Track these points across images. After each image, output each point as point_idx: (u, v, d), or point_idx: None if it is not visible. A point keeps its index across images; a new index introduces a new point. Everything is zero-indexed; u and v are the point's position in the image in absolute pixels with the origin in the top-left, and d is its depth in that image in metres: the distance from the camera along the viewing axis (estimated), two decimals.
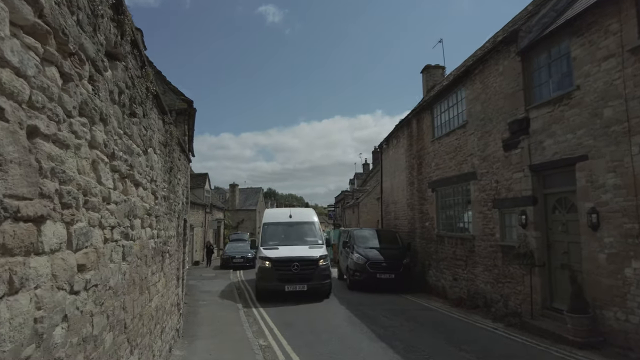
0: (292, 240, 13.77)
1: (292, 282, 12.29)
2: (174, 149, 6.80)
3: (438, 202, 14.24)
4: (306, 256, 12.76)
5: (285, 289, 12.23)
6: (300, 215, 15.23)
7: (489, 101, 10.87)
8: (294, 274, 12.36)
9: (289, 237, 13.92)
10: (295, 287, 12.28)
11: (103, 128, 2.70)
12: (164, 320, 5.59)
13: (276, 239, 13.87)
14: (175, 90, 10.93)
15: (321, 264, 12.72)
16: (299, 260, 12.52)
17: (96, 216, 2.45)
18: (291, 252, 12.84)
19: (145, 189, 4.37)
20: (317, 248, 13.44)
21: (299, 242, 13.69)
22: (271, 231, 14.26)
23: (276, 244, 13.46)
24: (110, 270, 2.76)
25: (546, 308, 8.82)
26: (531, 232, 9.18)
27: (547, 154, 8.67)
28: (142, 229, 4.20)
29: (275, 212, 16.18)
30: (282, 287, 12.26)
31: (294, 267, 12.39)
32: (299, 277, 12.35)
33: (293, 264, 12.40)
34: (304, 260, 12.61)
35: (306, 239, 14.03)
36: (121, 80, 3.21)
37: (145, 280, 4.22)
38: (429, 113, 14.93)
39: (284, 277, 12.37)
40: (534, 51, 9.16)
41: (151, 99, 4.67)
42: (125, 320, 3.20)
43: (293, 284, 12.27)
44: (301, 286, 12.26)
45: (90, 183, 2.35)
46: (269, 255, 12.79)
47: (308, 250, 13.13)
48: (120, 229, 3.16)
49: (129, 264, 3.42)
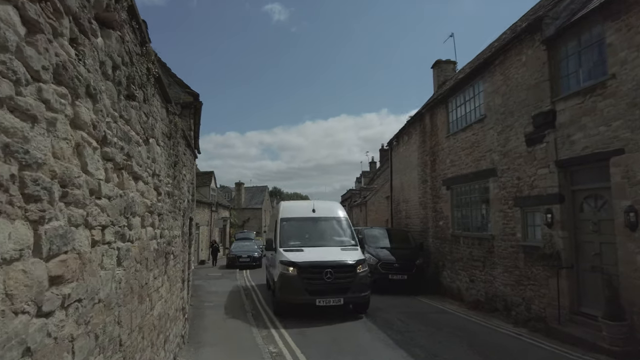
0: (319, 240, 11.25)
1: (324, 294, 9.74)
2: (178, 142, 6.32)
3: (453, 201, 13.68)
4: (341, 261, 10.19)
5: (317, 303, 9.62)
6: (325, 209, 12.39)
7: (510, 93, 10.30)
8: (328, 284, 9.79)
9: (314, 237, 11.36)
10: (328, 301, 9.67)
11: (91, 106, 2.21)
12: (168, 328, 5.11)
13: (298, 238, 11.25)
14: (181, 82, 10.46)
15: (360, 270, 10.20)
16: (333, 266, 9.96)
17: (80, 213, 1.96)
18: (321, 255, 10.33)
19: (146, 183, 3.89)
20: (351, 250, 10.90)
21: (327, 243, 11.19)
22: (291, 229, 11.53)
23: (299, 245, 10.87)
24: (101, 280, 2.27)
25: (574, 313, 8.26)
26: (557, 232, 8.62)
27: (576, 149, 8.10)
28: (143, 229, 3.72)
29: (294, 206, 13.05)
30: (311, 301, 9.67)
31: (327, 276, 9.81)
32: (334, 288, 9.83)
33: (326, 271, 9.83)
34: (339, 266, 10.05)
35: (335, 239, 11.53)
36: (116, 52, 2.72)
37: (146, 286, 3.73)
38: (443, 108, 14.36)
39: (315, 288, 9.81)
40: (561, 39, 8.58)
41: (153, 83, 4.18)
42: (121, 337, 2.72)
43: (326, 297, 9.70)
44: (336, 300, 9.71)
45: (71, 171, 1.85)
46: (294, 259, 10.12)
47: (342, 254, 10.58)
48: (115, 228, 2.68)
49: (126, 270, 2.93)
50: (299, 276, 9.85)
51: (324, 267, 9.87)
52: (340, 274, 9.94)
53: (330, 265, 9.95)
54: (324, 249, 10.75)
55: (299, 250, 10.58)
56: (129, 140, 3.14)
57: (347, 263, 10.19)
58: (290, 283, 9.91)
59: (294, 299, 9.88)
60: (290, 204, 13.25)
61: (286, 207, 12.63)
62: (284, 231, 11.42)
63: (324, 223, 11.90)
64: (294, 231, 11.46)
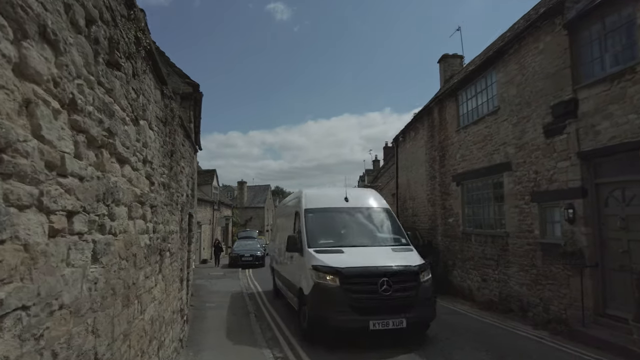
0: (359, 237, 8.61)
1: (380, 313, 6.98)
2: (175, 130, 5.83)
3: (463, 197, 13.15)
4: (401, 267, 7.46)
5: (371, 326, 6.88)
6: (360, 198, 9.76)
7: (526, 83, 9.77)
8: (384, 299, 7.04)
9: (352, 234, 8.70)
10: (386, 323, 6.94)
11: (51, 56, 1.72)
12: (163, 333, 4.63)
13: (331, 235, 8.57)
14: (180, 72, 9.97)
15: (424, 279, 7.56)
16: (390, 273, 7.24)
17: (27, 190, 1.47)
18: (370, 258, 7.64)
19: (135, 169, 3.40)
20: (405, 251, 8.30)
21: (372, 242, 8.59)
22: (319, 223, 8.81)
23: (334, 245, 8.16)
24: (64, 280, 1.78)
25: (599, 315, 7.73)
26: (580, 228, 8.10)
27: (601, 139, 7.57)
28: (130, 221, 3.23)
29: (320, 194, 10.08)
30: (362, 324, 6.91)
31: (384, 287, 7.07)
32: (393, 304, 7.09)
33: (382, 280, 7.10)
34: (399, 273, 7.32)
35: (381, 236, 8.89)
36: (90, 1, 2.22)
37: (134, 286, 3.25)
38: (453, 101, 13.82)
39: (366, 305, 7.03)
40: (583, 23, 8.05)
41: (144, 57, 3.69)
42: (97, 349, 2.23)
43: (382, 318, 6.94)
44: (397, 321, 6.97)
45: (11, 131, 1.36)
46: (333, 263, 7.34)
47: (396, 256, 7.90)
48: (89, 216, 2.19)
49: (105, 268, 2.44)
50: (341, 287, 7.02)
51: (379, 275, 7.13)
52: (400, 284, 7.19)
53: (386, 272, 7.20)
54: (371, 249, 8.17)
55: (337, 251, 7.84)
56: (110, 114, 2.65)
57: (410, 269, 7.45)
58: (330, 297, 7.03)
59: (335, 319, 6.91)
60: (315, 193, 10.24)
61: (310, 195, 9.75)
62: (309, 225, 8.64)
63: (363, 215, 9.24)
64: (324, 226, 8.78)
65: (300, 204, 9.40)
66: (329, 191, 10.66)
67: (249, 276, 18.96)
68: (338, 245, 8.12)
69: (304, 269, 7.92)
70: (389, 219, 9.36)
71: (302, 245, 8.34)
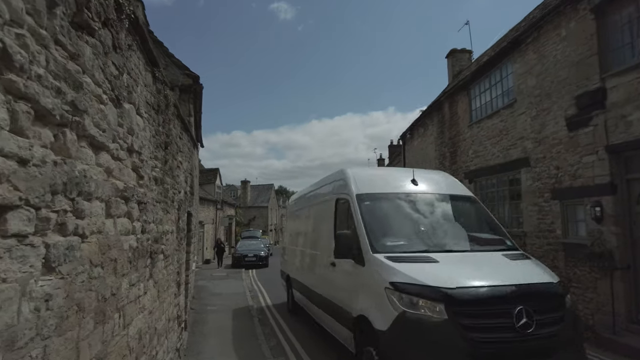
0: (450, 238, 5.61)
1: None
2: (171, 120, 5.31)
3: (477, 195, 12.51)
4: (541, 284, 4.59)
5: None
6: (434, 182, 6.62)
7: (547, 73, 9.17)
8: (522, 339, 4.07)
9: (438, 232, 5.67)
10: None
11: None
12: (155, 346, 4.10)
13: (405, 234, 5.54)
14: (179, 64, 9.43)
15: (568, 303, 4.66)
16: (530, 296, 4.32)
17: None
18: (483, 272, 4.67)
19: (116, 158, 2.87)
20: (522, 258, 5.24)
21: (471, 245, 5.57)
22: (384, 215, 5.77)
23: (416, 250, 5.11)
24: None
25: (632, 322, 7.13)
26: (609, 228, 7.50)
27: (633, 131, 6.98)
28: (109, 219, 2.70)
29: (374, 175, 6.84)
30: None
31: (522, 320, 4.11)
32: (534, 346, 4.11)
33: (517, 309, 4.14)
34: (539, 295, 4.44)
35: (479, 237, 5.81)
36: None
37: (114, 297, 2.71)
38: (464, 95, 13.23)
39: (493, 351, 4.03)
40: (612, 6, 7.46)
41: (128, 27, 3.15)
42: None
43: None
44: None
45: None
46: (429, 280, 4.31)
47: (517, 268, 4.89)
48: (38, 213, 1.65)
49: (66, 278, 1.91)
50: (452, 322, 4.08)
51: (512, 302, 4.22)
52: (543, 314, 4.27)
53: (523, 294, 4.31)
54: (475, 256, 5.25)
55: (425, 259, 4.83)
56: (77, 86, 2.12)
57: (553, 288, 4.64)
58: (431, 338, 4.07)
59: None
60: (365, 173, 6.87)
61: (361, 176, 6.47)
62: (366, 218, 5.53)
63: (444, 206, 6.17)
64: (388, 218, 5.75)
65: (347, 188, 6.22)
66: (385, 172, 7.78)
67: (252, 277, 18.44)
68: (423, 250, 5.11)
69: (368, 287, 4.92)
70: (480, 211, 6.39)
71: (363, 247, 5.20)
